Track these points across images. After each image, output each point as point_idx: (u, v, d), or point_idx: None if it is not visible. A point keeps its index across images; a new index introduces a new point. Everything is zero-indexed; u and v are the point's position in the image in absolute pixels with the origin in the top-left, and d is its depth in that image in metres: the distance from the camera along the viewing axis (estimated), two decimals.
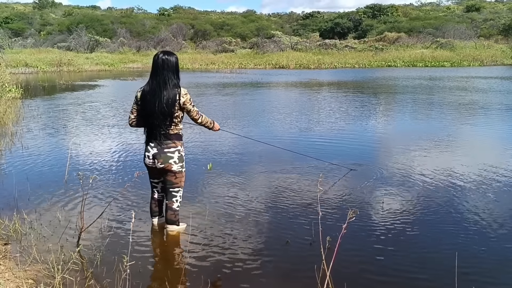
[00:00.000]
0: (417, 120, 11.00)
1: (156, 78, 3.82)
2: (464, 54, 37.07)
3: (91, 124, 10.20)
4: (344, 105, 13.31)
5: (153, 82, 3.83)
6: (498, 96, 15.23)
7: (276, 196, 5.25)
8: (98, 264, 3.57)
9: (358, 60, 35.70)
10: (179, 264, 3.70)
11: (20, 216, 4.35)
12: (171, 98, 3.76)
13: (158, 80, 3.80)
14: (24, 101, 13.91)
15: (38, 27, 59.54)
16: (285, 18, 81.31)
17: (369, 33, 52.86)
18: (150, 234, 4.24)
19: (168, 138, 3.88)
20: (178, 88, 3.82)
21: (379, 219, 4.53)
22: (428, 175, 5.99)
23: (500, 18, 53.95)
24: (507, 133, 9.35)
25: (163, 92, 3.76)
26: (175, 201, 4.10)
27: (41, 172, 6.30)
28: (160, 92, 3.77)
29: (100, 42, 46.05)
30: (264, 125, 10.15)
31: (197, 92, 16.80)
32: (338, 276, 3.28)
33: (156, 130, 3.86)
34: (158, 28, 53.31)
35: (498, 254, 3.82)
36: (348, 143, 8.14)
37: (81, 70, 31.21)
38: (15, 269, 3.43)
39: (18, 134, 8.82)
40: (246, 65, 35.05)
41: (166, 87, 3.77)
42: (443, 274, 3.42)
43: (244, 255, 3.78)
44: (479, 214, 4.64)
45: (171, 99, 3.76)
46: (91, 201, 4.93)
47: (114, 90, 18.80)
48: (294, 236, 4.14)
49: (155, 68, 3.84)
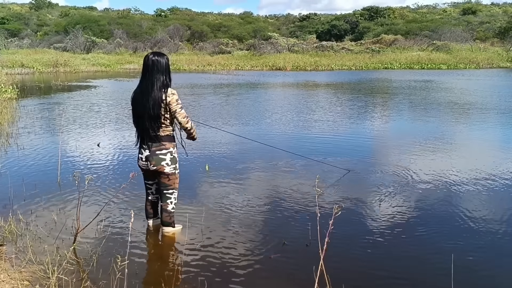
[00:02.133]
0: (413, 120, 11.02)
1: (145, 80, 3.80)
2: (460, 56, 37.19)
3: (87, 124, 10.17)
4: (340, 106, 13.33)
5: (142, 84, 3.82)
6: (494, 98, 15.30)
7: (272, 197, 5.25)
8: (94, 265, 3.55)
9: (355, 62, 35.75)
10: (175, 265, 3.69)
11: (16, 217, 4.33)
12: (157, 99, 3.72)
13: (147, 82, 3.78)
14: (20, 102, 13.87)
15: (35, 27, 59.43)
16: (282, 20, 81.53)
17: (366, 35, 53.00)
18: (146, 236, 4.22)
19: (159, 140, 3.85)
20: (166, 88, 3.77)
21: (376, 220, 4.53)
22: (425, 175, 6.00)
23: (496, 21, 54.26)
24: (503, 134, 9.39)
25: (150, 94, 3.73)
26: (169, 203, 4.08)
27: (36, 173, 6.28)
28: (147, 94, 3.74)
29: (96, 43, 45.96)
30: (262, 124, 10.15)
31: (192, 92, 16.79)
32: (336, 277, 3.28)
33: (147, 132, 3.84)
34: (155, 29, 53.25)
35: (494, 254, 3.83)
36: (346, 143, 8.15)
37: (78, 71, 31.12)
38: (10, 270, 3.41)
39: (14, 134, 8.79)
40: (243, 67, 35.05)
41: (153, 89, 3.74)
42: (439, 274, 3.43)
43: (240, 256, 3.78)
44: (475, 214, 4.65)
45: (157, 101, 3.72)
46: (87, 202, 4.92)
47: (110, 90, 18.74)
48: (291, 237, 4.14)
49: (145, 70, 3.82)
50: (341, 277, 3.36)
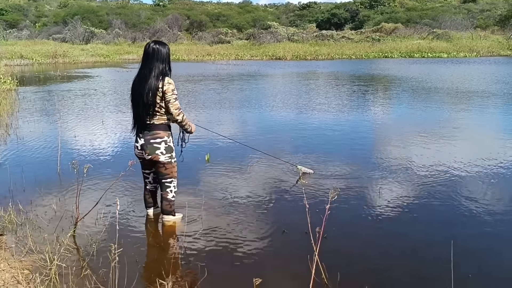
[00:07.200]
0: (413, 109, 11.00)
1: (145, 68, 3.78)
2: (460, 45, 37.02)
3: (86, 114, 10.14)
4: (340, 95, 13.30)
5: (141, 72, 3.80)
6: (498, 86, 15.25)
7: (273, 186, 5.24)
8: (94, 254, 3.56)
9: (355, 51, 35.62)
10: (175, 253, 3.70)
11: (16, 207, 4.33)
12: (152, 87, 3.70)
13: (146, 70, 3.76)
14: (19, 93, 13.84)
15: (33, 18, 59.10)
16: (282, 9, 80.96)
17: (366, 24, 52.65)
18: (146, 224, 4.23)
19: (154, 129, 3.83)
20: (163, 77, 3.75)
21: (375, 208, 4.53)
22: (425, 164, 5.98)
23: (496, 9, 53.84)
24: (502, 122, 9.36)
25: (147, 81, 3.72)
26: (169, 191, 4.08)
27: (36, 163, 6.27)
28: (145, 82, 3.73)
29: (95, 33, 45.76)
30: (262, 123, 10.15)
31: (194, 80, 16.74)
32: (332, 264, 3.30)
33: (142, 120, 3.82)
34: (154, 19, 52.99)
35: (494, 243, 3.83)
36: (346, 133, 8.15)
37: (77, 61, 31.03)
38: (10, 259, 3.42)
39: (13, 125, 8.78)
40: (242, 57, 34.93)
41: (150, 76, 3.72)
42: (439, 262, 3.43)
43: (240, 245, 3.78)
44: (474, 203, 4.64)
45: (152, 88, 3.69)
46: (86, 191, 4.91)
47: (109, 80, 18.68)
48: (291, 225, 4.13)
49: (145, 58, 3.80)
50: (337, 265, 3.36)
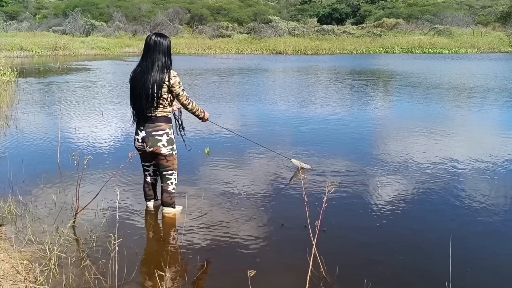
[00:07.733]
0: (413, 104, 10.99)
1: (146, 60, 3.77)
2: (461, 41, 36.87)
3: (86, 106, 10.13)
4: (340, 90, 13.29)
5: (142, 64, 3.79)
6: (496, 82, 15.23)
7: (272, 180, 5.25)
8: (93, 245, 3.57)
9: (356, 46, 35.48)
10: (174, 245, 3.71)
11: (15, 198, 4.33)
12: (157, 80, 3.70)
13: (147, 62, 3.76)
14: (18, 84, 13.82)
15: (33, 10, 58.80)
16: (283, 3, 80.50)
17: (367, 19, 52.44)
18: (146, 216, 4.23)
19: (156, 121, 3.83)
20: (167, 69, 3.76)
21: (374, 202, 4.54)
22: (425, 159, 5.99)
23: (498, 6, 53.63)
24: (502, 118, 9.36)
25: (151, 73, 3.71)
26: (170, 183, 4.08)
27: (36, 154, 6.28)
28: (148, 74, 3.72)
29: (95, 26, 45.58)
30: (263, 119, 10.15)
31: (195, 73, 16.71)
32: (330, 258, 3.30)
33: (144, 112, 3.82)
34: (154, 12, 52.71)
35: (493, 237, 3.84)
36: (347, 126, 8.14)
37: (77, 54, 30.92)
38: (10, 250, 3.43)
39: (13, 117, 8.77)
40: (243, 51, 34.80)
41: (153, 68, 3.72)
42: (437, 256, 3.44)
43: (240, 237, 3.79)
44: (474, 199, 4.65)
45: (157, 81, 3.70)
46: (86, 182, 4.91)
47: (109, 72, 18.64)
48: (290, 219, 4.14)
49: (146, 49, 3.79)
50: (336, 258, 3.37)
